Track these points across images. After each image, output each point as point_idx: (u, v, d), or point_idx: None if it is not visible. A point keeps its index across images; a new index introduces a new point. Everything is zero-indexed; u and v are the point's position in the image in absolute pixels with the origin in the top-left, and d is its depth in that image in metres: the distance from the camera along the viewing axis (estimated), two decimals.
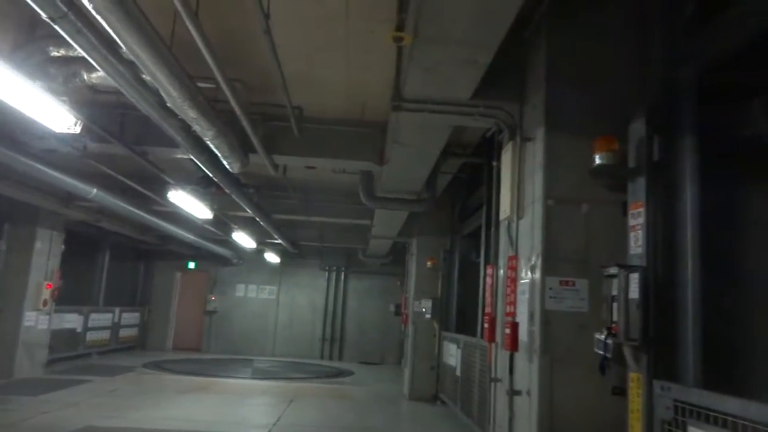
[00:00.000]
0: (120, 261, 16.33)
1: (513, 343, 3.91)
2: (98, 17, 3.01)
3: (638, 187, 3.38)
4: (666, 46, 3.51)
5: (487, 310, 4.61)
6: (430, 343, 10.92)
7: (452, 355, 9.56)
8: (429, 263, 11.17)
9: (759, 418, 2.35)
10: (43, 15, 3.19)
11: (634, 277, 3.14)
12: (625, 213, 3.53)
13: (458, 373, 8.92)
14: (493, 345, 4.46)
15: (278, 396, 10.23)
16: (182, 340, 18.20)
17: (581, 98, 3.75)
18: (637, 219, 3.37)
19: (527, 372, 3.72)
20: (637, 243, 3.35)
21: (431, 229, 11.02)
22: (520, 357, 3.88)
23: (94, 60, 3.77)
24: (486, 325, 4.56)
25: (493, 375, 4.32)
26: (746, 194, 3.43)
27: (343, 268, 18.37)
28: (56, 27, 3.25)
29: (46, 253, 11.35)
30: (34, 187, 9.20)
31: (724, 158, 3.40)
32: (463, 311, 10.23)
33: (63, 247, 11.89)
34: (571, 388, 3.51)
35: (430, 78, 3.84)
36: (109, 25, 3.08)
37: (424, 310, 10.99)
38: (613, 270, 3.29)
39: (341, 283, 18.44)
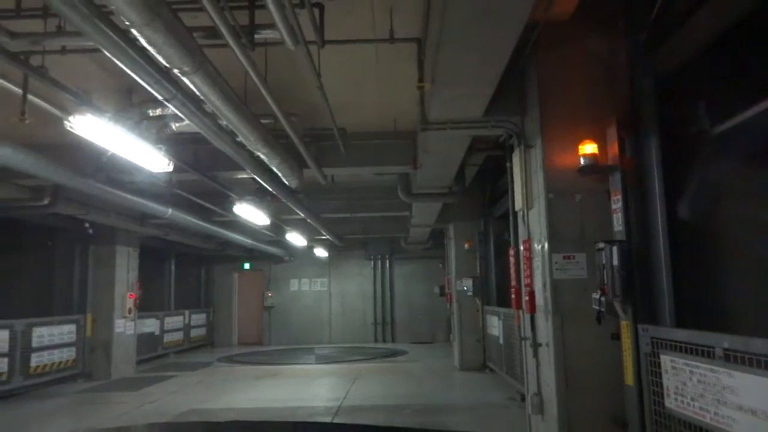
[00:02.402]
0: (184, 268, 17.83)
1: (532, 307, 4.97)
2: (204, 99, 4.17)
3: (615, 179, 4.39)
4: (629, 65, 4.48)
5: (513, 283, 5.67)
6: (474, 317, 11.98)
7: (495, 326, 10.59)
8: (466, 245, 12.18)
9: (699, 341, 3.37)
10: (160, 97, 4.37)
11: (615, 249, 4.15)
12: (609, 199, 4.53)
13: (501, 341, 9.96)
14: (520, 311, 5.51)
15: (343, 376, 11.48)
16: (245, 336, 19.68)
17: (568, 111, 4.73)
18: (616, 204, 4.38)
19: (545, 328, 4.77)
20: (618, 223, 4.36)
21: (465, 214, 11.93)
22: (539, 317, 4.94)
23: (190, 120, 4.94)
24: (513, 296, 5.62)
25: (522, 334, 5.38)
26: (704, 176, 4.36)
27: (387, 256, 19.44)
28: (170, 105, 4.42)
29: (125, 267, 12.82)
30: (115, 211, 10.61)
31: (682, 149, 4.36)
32: (501, 286, 11.21)
33: (138, 260, 13.40)
34: (577, 337, 4.55)
35: (448, 107, 4.90)
36: (211, 104, 4.24)
37: (465, 288, 11.93)
38: (601, 245, 4.30)
39: (387, 270, 19.53)
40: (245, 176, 8.24)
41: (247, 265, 19.76)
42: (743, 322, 4.17)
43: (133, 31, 3.05)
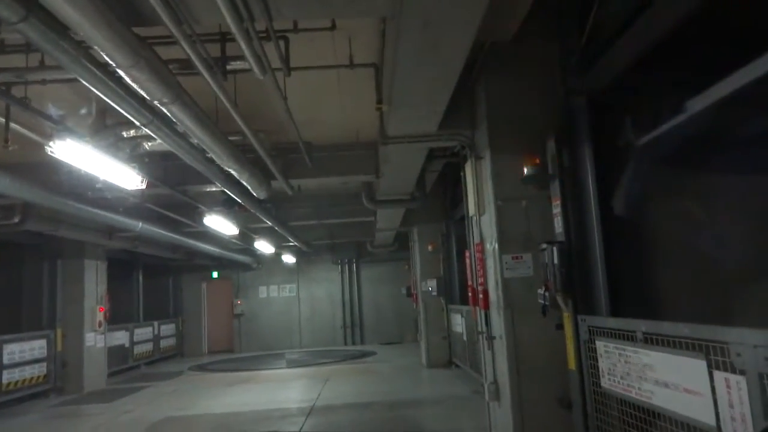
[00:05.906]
0: (152, 278, 17.90)
1: (486, 304, 5.46)
2: (179, 123, 4.53)
3: (555, 187, 4.90)
4: (564, 85, 5.01)
5: (469, 283, 6.16)
6: (439, 317, 12.50)
7: (458, 324, 11.13)
8: (430, 247, 12.69)
9: (624, 327, 3.89)
10: (137, 122, 4.71)
11: (555, 249, 4.66)
12: (551, 204, 5.05)
13: (465, 338, 10.50)
14: (476, 308, 6.00)
15: (314, 378, 11.85)
16: (216, 344, 19.83)
17: (513, 126, 5.23)
18: (556, 209, 4.89)
19: (498, 322, 5.26)
20: (558, 225, 4.88)
21: (428, 217, 12.45)
22: (493, 313, 5.43)
23: (164, 141, 5.28)
24: (470, 294, 6.11)
25: (478, 329, 5.86)
26: (632, 181, 4.91)
27: (354, 260, 19.86)
28: (146, 129, 4.76)
29: (94, 281, 12.91)
30: (83, 225, 10.74)
31: (613, 158, 4.90)
32: (464, 285, 11.70)
33: (106, 273, 13.49)
34: (527, 329, 5.05)
35: (404, 123, 5.37)
36: (185, 127, 4.59)
37: (430, 288, 12.47)
38: (543, 245, 4.81)
39: (354, 274, 19.95)
40: (214, 189, 8.55)
41: (215, 274, 19.92)
42: (672, 307, 4.74)
43: (119, 71, 3.40)
